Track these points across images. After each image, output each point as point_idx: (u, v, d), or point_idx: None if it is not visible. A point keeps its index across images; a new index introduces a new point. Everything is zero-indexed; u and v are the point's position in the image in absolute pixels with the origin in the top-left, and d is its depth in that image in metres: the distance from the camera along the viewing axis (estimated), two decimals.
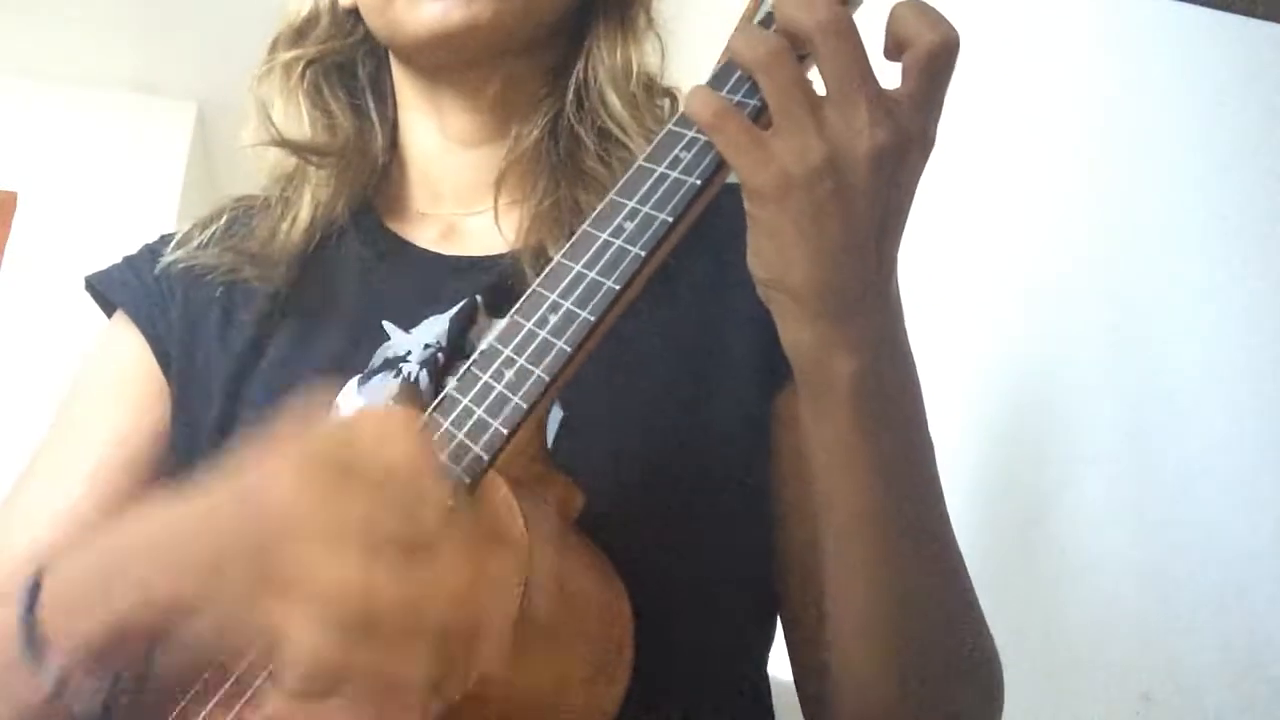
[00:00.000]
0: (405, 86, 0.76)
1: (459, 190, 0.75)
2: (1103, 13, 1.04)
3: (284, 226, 0.72)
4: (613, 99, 0.72)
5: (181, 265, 0.72)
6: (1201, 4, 0.58)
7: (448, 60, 0.71)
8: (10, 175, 3.29)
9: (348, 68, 0.77)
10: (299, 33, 0.76)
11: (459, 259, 0.71)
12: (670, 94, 0.77)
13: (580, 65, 0.74)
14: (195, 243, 0.73)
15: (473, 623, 0.38)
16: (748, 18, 1.84)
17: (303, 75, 0.75)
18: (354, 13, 0.75)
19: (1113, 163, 0.98)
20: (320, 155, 0.73)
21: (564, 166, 0.72)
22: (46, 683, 0.46)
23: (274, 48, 0.77)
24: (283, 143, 0.73)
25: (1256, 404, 0.81)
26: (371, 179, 0.75)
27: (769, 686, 0.69)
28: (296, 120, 0.74)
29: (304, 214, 0.72)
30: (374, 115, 0.76)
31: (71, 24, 3.17)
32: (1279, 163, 0.82)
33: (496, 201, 0.71)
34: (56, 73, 3.39)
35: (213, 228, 0.74)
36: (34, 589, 0.48)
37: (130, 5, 3.08)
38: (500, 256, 0.70)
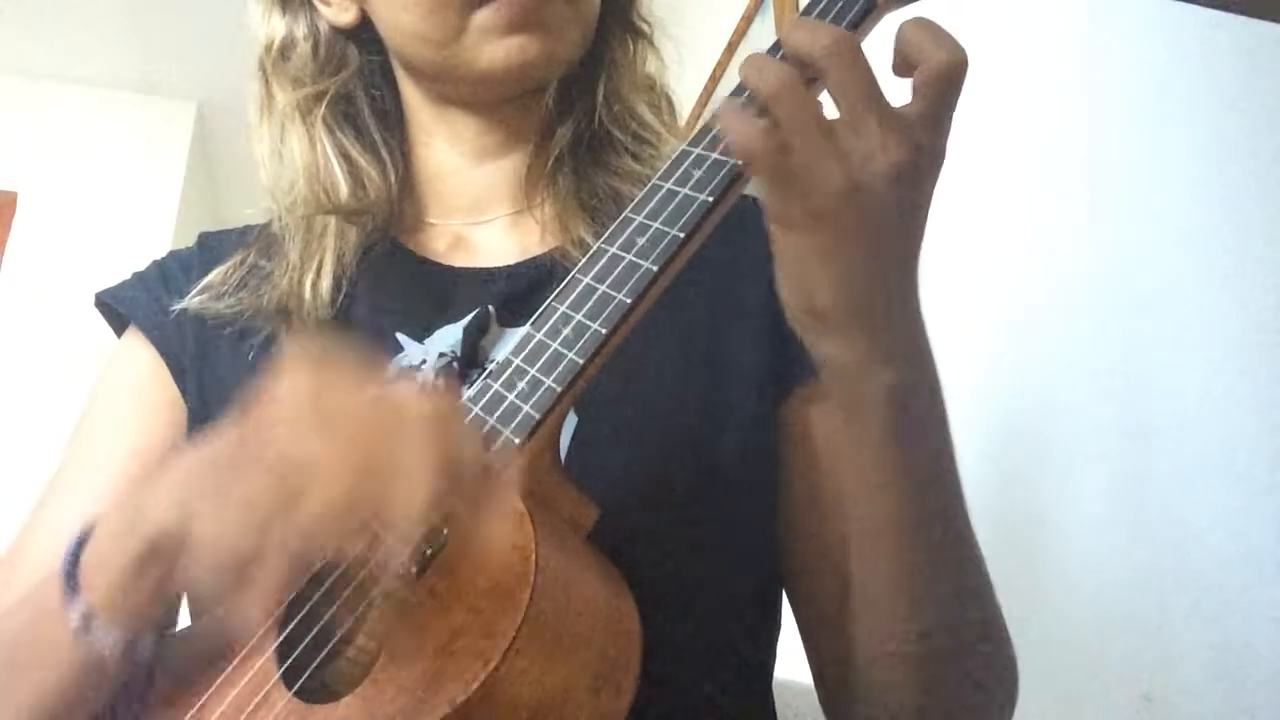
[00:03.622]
0: (419, 110, 0.76)
1: (474, 201, 0.75)
2: (1100, 13, 1.04)
3: (308, 282, 0.70)
4: (642, 109, 0.74)
5: (197, 309, 0.71)
6: (1201, 4, 0.59)
7: (513, 91, 0.71)
8: (10, 175, 3.29)
9: (347, 97, 0.76)
10: (282, 54, 0.75)
11: (468, 270, 0.71)
12: (665, 96, 0.78)
13: (603, 76, 0.74)
14: (215, 290, 0.71)
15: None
16: (747, 18, 1.82)
17: (320, 118, 0.73)
18: (344, 36, 0.75)
19: (1111, 162, 0.98)
20: (357, 215, 0.72)
21: (594, 165, 0.73)
22: (74, 620, 0.48)
23: (266, 83, 0.75)
24: (327, 211, 0.71)
25: (1256, 403, 0.81)
26: (391, 218, 0.74)
27: (771, 691, 0.69)
28: (324, 171, 0.72)
29: (328, 267, 0.70)
30: (385, 150, 0.75)
31: (71, 24, 3.17)
32: (1278, 162, 0.82)
33: (530, 206, 0.72)
34: (56, 73, 3.39)
35: (233, 276, 0.72)
36: (81, 541, 0.51)
37: (130, 5, 3.08)
38: (511, 266, 0.70)
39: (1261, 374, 0.81)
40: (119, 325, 0.75)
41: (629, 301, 0.49)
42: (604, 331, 0.49)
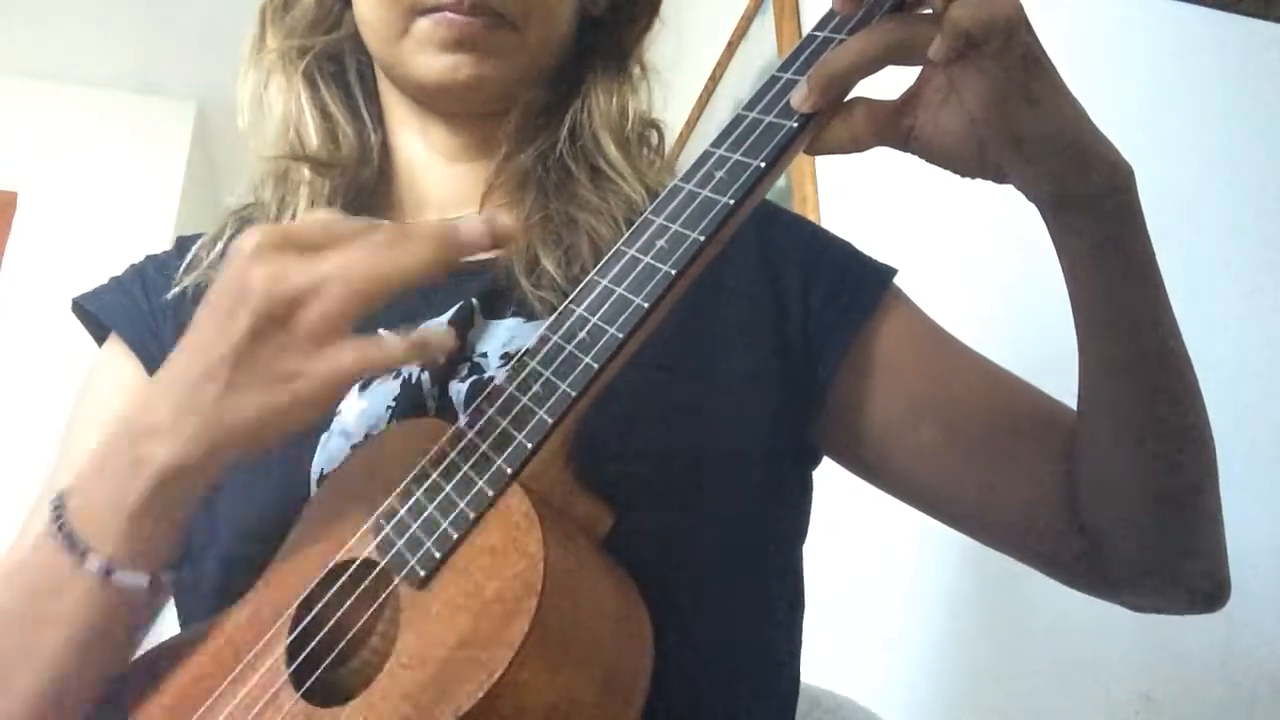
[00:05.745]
0: (392, 100, 0.76)
1: (444, 200, 0.75)
2: (1100, 13, 1.04)
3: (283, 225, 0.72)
4: (608, 143, 0.74)
5: (191, 289, 0.71)
6: (1201, 4, 0.59)
7: (451, 106, 0.73)
8: (10, 175, 3.29)
9: (336, 59, 0.77)
10: (285, 4, 0.75)
11: None
12: (655, 125, 0.78)
13: (577, 106, 0.74)
14: (205, 264, 0.72)
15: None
16: (747, 18, 1.82)
17: (300, 69, 0.74)
18: (344, 2, 0.75)
19: None
20: (326, 167, 0.73)
21: (557, 189, 0.72)
22: (92, 574, 0.50)
23: (263, 30, 0.76)
24: (295, 157, 0.73)
25: (1256, 403, 0.81)
26: (367, 185, 0.75)
27: (796, 690, 0.69)
28: (297, 119, 0.74)
29: (301, 214, 0.72)
30: (366, 115, 0.76)
31: (71, 24, 3.17)
32: (1278, 162, 0.82)
33: (481, 210, 0.72)
34: (56, 73, 3.39)
35: (217, 247, 0.73)
36: (59, 508, 0.52)
37: (130, 5, 3.08)
38: (489, 261, 0.70)
39: (1260, 373, 0.81)
40: (98, 332, 0.75)
41: (645, 305, 0.49)
42: (620, 335, 0.49)
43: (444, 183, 0.75)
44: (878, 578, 1.33)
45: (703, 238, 0.49)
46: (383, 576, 0.50)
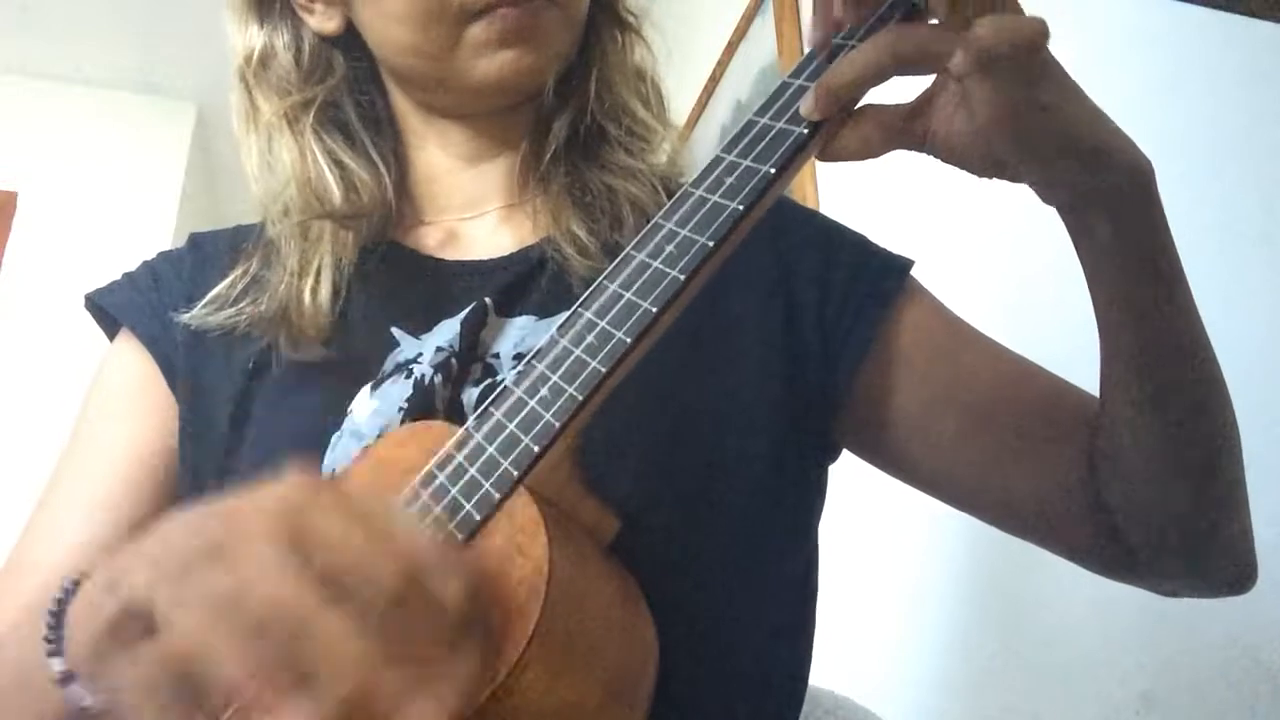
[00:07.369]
0: (408, 116, 0.76)
1: (466, 201, 0.76)
2: (1101, 13, 1.04)
3: (307, 289, 0.69)
4: (633, 101, 0.75)
5: (196, 324, 0.70)
6: (1201, 4, 0.59)
7: (505, 102, 0.72)
8: (10, 175, 3.28)
9: (335, 103, 0.76)
10: (262, 64, 0.74)
11: (463, 263, 0.72)
12: (657, 86, 0.79)
13: (597, 69, 0.75)
14: (221, 301, 0.71)
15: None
16: (747, 17, 1.82)
17: (309, 126, 0.73)
18: (329, 43, 0.74)
19: None
20: (353, 219, 0.72)
21: (588, 159, 0.73)
22: (54, 676, 0.46)
23: (250, 95, 0.74)
24: (319, 217, 0.71)
25: (1255, 402, 0.80)
26: (388, 219, 0.74)
27: (803, 690, 0.69)
28: (315, 179, 0.72)
29: (327, 273, 0.70)
30: (375, 153, 0.75)
31: (71, 24, 3.17)
32: (1277, 162, 0.82)
33: (522, 201, 0.73)
34: (56, 73, 3.39)
35: (239, 287, 0.71)
36: (70, 590, 0.48)
37: (130, 5, 3.08)
38: (505, 257, 0.71)
39: (1261, 371, 0.81)
40: (110, 328, 0.75)
41: (654, 310, 0.49)
42: (628, 340, 0.49)
43: (465, 185, 0.76)
44: (878, 577, 1.33)
45: (711, 243, 0.49)
46: None
